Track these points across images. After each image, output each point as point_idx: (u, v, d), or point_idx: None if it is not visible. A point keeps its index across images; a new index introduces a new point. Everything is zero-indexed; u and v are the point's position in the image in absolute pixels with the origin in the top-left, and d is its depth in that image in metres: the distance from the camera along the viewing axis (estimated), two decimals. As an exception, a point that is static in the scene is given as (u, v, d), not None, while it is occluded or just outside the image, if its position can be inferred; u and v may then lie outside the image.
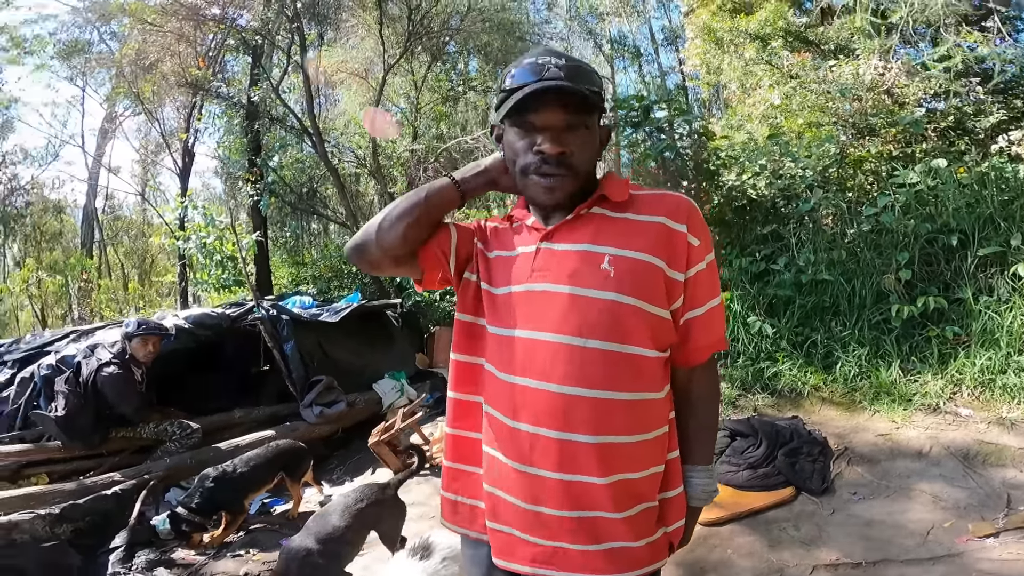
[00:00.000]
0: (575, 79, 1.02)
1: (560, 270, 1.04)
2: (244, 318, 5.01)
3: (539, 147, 1.03)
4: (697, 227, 1.08)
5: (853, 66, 5.56)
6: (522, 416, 1.03)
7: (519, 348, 1.04)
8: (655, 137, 5.18)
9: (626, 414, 1.01)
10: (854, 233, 4.53)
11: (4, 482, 3.41)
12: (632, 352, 1.02)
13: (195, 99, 9.60)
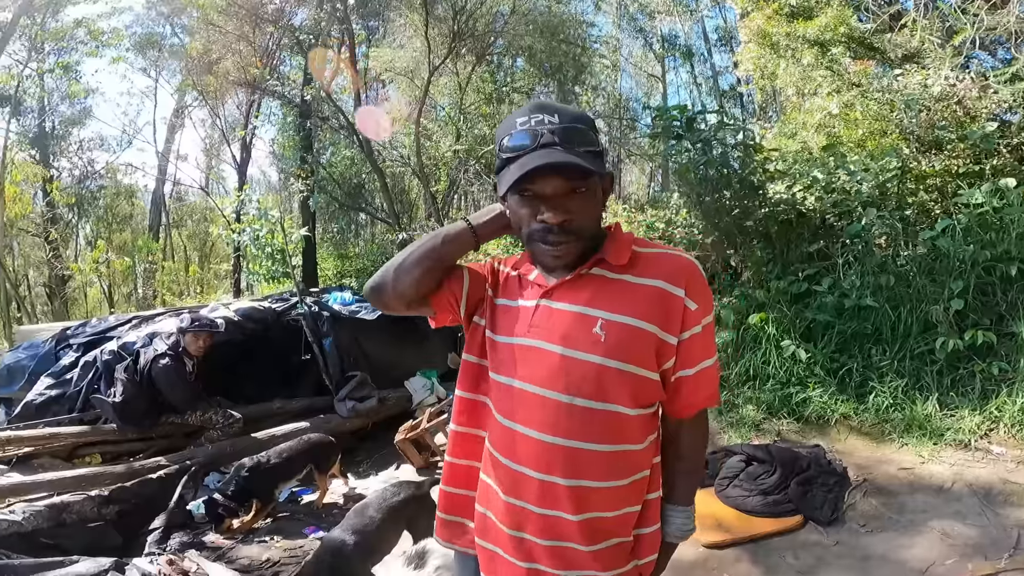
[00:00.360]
0: (570, 142, 1.04)
1: (554, 330, 1.09)
2: (288, 313, 5.25)
3: (542, 217, 1.06)
4: (696, 291, 1.10)
5: (922, 76, 5.20)
6: (515, 457, 1.12)
7: (515, 397, 1.12)
8: (698, 149, 5.04)
9: (602, 463, 1.08)
10: (908, 256, 4.30)
11: (60, 460, 3.72)
12: (614, 410, 1.07)
13: (253, 97, 10.05)
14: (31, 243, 14.95)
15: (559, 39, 8.98)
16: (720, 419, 4.01)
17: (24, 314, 12.10)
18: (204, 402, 4.35)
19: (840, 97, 5.78)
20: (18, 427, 3.93)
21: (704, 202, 5.37)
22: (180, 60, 11.70)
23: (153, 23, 13.04)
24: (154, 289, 15.50)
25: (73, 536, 2.78)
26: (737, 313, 4.93)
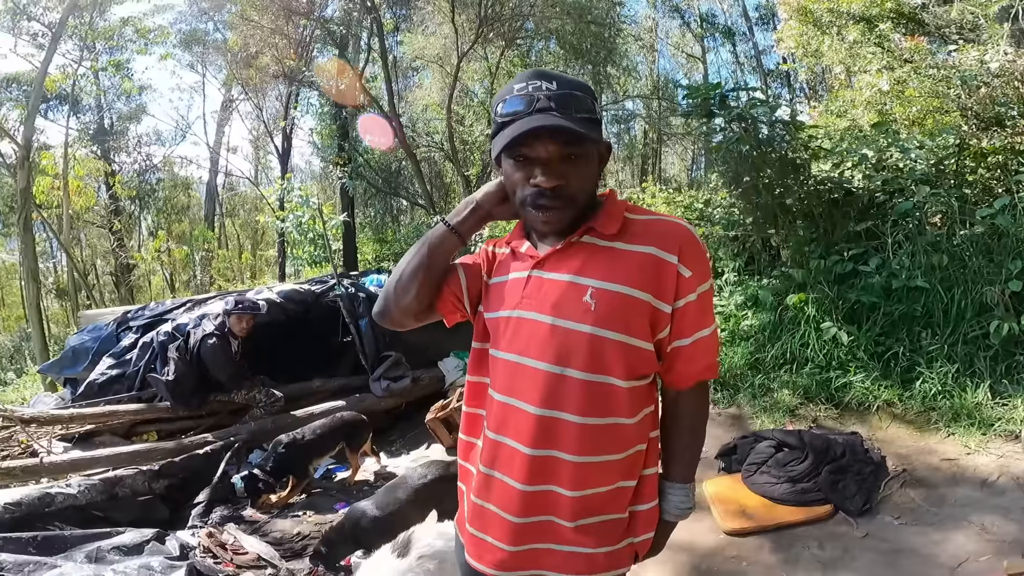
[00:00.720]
0: (566, 107, 1.03)
1: (545, 300, 1.08)
2: (327, 294, 5.42)
3: (535, 181, 1.04)
4: (690, 257, 1.06)
5: (979, 52, 4.86)
6: (504, 431, 1.11)
7: (507, 370, 1.11)
8: (732, 127, 4.84)
9: (595, 437, 1.06)
10: (964, 235, 4.02)
11: (119, 438, 3.99)
12: (606, 382, 1.05)
13: (291, 88, 10.33)
14: (97, 234, 15.99)
15: (587, 20, 8.73)
16: (753, 403, 3.90)
17: (92, 302, 12.98)
18: (248, 380, 4.57)
19: (891, 74, 5.46)
20: (80, 405, 4.24)
21: (742, 181, 5.17)
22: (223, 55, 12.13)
23: (196, 19, 13.56)
24: (210, 276, 16.33)
25: (124, 509, 2.99)
26: (775, 294, 4.76)
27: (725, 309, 5.28)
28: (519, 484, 1.08)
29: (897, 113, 5.44)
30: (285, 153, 11.96)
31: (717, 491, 2.92)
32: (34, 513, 2.61)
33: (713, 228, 6.30)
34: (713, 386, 4.27)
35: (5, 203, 13.02)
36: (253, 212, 19.39)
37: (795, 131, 4.91)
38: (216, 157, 17.11)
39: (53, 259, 16.21)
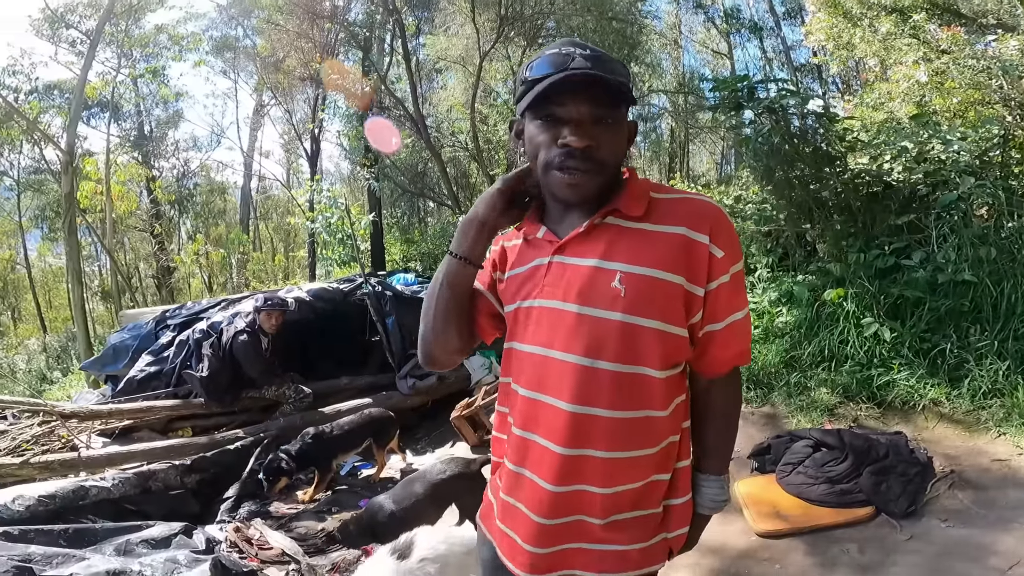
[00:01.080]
0: (603, 68, 0.97)
1: (569, 287, 1.01)
2: (354, 293, 5.48)
3: (564, 140, 0.97)
4: (721, 237, 1.00)
5: (1019, 41, 4.68)
6: (533, 428, 1.05)
7: (533, 364, 1.05)
8: (762, 119, 4.70)
9: (628, 431, 1.00)
10: (1013, 227, 3.83)
11: (156, 433, 4.10)
12: (640, 372, 0.99)
13: (318, 91, 10.53)
14: (139, 238, 16.63)
15: (608, 17, 8.61)
16: (788, 402, 3.76)
17: (135, 303, 13.50)
18: (279, 377, 4.64)
19: (929, 65, 5.26)
20: (119, 401, 4.38)
21: (774, 175, 5.01)
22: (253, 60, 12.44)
23: (226, 26, 13.95)
24: (246, 278, 16.80)
25: (156, 503, 3.07)
26: (811, 289, 4.60)
27: (758, 306, 5.14)
28: (550, 485, 1.02)
29: (937, 105, 5.26)
30: (314, 155, 12.22)
31: (750, 492, 2.82)
32: (68, 506, 2.69)
33: (745, 224, 6.14)
34: (746, 384, 4.14)
35: (52, 208, 13.67)
36: (285, 215, 19.87)
37: (829, 123, 4.75)
38: (250, 161, 17.61)
39: (98, 262, 16.96)
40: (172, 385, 4.70)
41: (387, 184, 10.27)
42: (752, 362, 4.37)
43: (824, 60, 8.93)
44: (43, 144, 12.94)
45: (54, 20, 11.83)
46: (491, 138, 9.05)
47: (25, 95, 13.57)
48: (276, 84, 10.76)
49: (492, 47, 7.69)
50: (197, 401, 4.52)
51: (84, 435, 3.66)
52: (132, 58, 13.35)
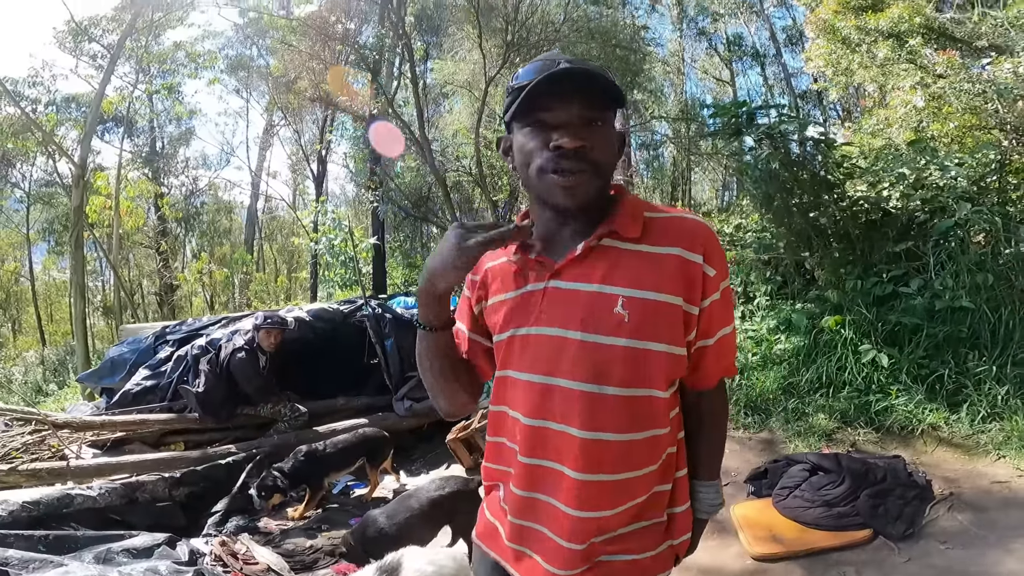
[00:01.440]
0: (591, 71, 0.97)
1: (570, 314, 0.99)
2: (354, 315, 5.50)
3: (556, 142, 0.95)
4: (713, 255, 1.01)
5: (1012, 63, 4.72)
6: (543, 455, 1.03)
7: (536, 392, 1.02)
8: (761, 145, 4.77)
9: (635, 452, 1.01)
10: (1010, 253, 3.84)
11: (148, 447, 4.07)
12: (647, 394, 1.00)
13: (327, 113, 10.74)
14: (144, 254, 16.75)
15: (612, 44, 8.84)
16: (786, 428, 3.73)
17: (136, 319, 13.52)
18: (275, 395, 4.63)
19: (926, 90, 5.33)
20: (113, 413, 4.36)
21: (773, 203, 5.06)
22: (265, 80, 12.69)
23: (241, 45, 14.26)
24: (247, 298, 16.85)
25: (142, 514, 3.02)
26: (809, 317, 4.60)
27: (757, 333, 5.15)
28: (573, 510, 1.01)
29: (934, 130, 5.31)
30: (320, 177, 12.40)
31: (746, 515, 2.77)
32: (52, 513, 2.66)
33: (744, 252, 6.17)
34: (744, 410, 4.13)
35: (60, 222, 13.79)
36: (290, 236, 20.03)
37: (827, 149, 4.81)
38: (257, 181, 17.84)
39: (102, 277, 17.05)
40: (167, 400, 4.69)
41: (391, 207, 10.36)
42: (750, 388, 4.36)
43: (824, 86, 9.07)
44: (57, 157, 13.11)
45: (78, 33, 12.04)
46: (495, 163, 9.19)
47: (44, 107, 13.80)
48: (287, 104, 10.99)
49: (498, 72, 7.89)
50: (191, 416, 4.50)
51: (75, 445, 3.64)
52: (149, 74, 13.59)
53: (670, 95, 14.45)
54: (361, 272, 7.95)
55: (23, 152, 13.66)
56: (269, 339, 4.63)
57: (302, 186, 19.21)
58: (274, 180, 21.32)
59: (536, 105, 0.97)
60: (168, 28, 12.48)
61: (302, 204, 17.95)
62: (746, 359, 4.76)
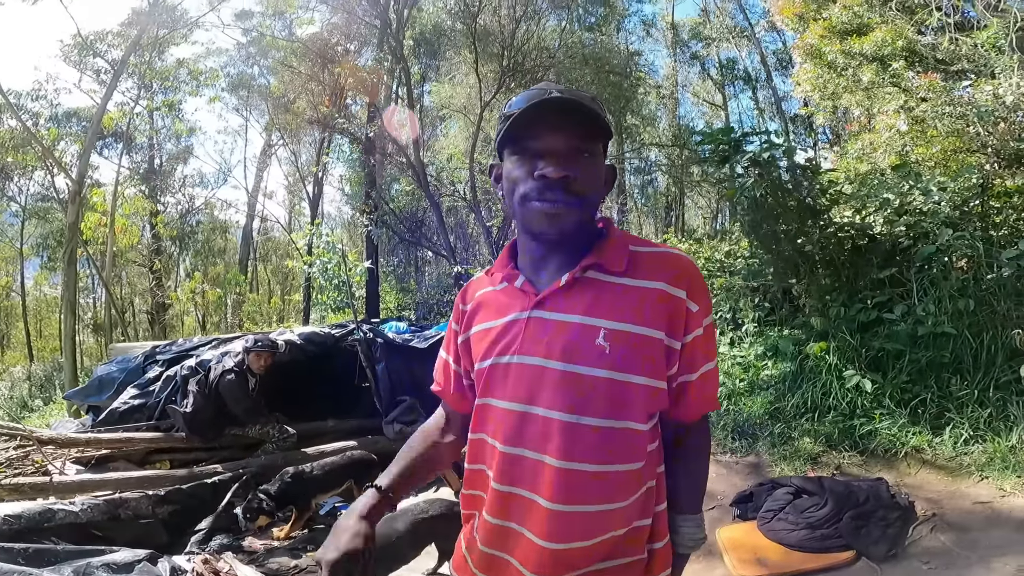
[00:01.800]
0: (579, 99, 0.99)
1: (552, 344, 0.99)
2: (346, 338, 5.50)
3: (540, 171, 0.96)
4: (696, 291, 1.02)
5: (992, 85, 4.81)
6: (517, 482, 1.02)
7: (513, 420, 1.02)
8: (748, 172, 4.88)
9: (613, 484, 1.00)
10: (992, 279, 3.91)
11: (133, 465, 4.03)
12: (625, 427, 0.99)
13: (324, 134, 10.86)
14: (137, 272, 16.64)
15: (606, 70, 9.08)
16: (772, 451, 3.76)
17: (127, 337, 13.39)
18: (264, 416, 4.59)
19: (909, 114, 5.43)
20: (99, 430, 4.32)
21: (761, 229, 5.15)
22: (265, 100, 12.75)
23: (243, 64, 14.36)
24: (240, 319, 16.75)
25: (124, 530, 2.96)
26: (796, 343, 4.66)
27: (745, 359, 5.20)
28: (544, 541, 0.99)
29: (918, 154, 5.37)
30: (316, 199, 12.49)
31: (731, 538, 2.78)
32: (33, 527, 2.62)
33: (733, 279, 6.25)
34: (731, 435, 4.15)
35: (54, 237, 13.69)
36: (284, 257, 20.02)
37: (813, 175, 4.92)
38: (253, 202, 17.86)
39: (93, 295, 16.88)
40: (155, 419, 4.65)
41: (385, 232, 10.44)
42: (738, 413, 4.39)
43: (812, 111, 9.20)
44: (55, 172, 13.05)
45: (83, 47, 12.07)
46: (489, 189, 9.31)
47: (45, 121, 13.75)
48: (285, 125, 11.11)
49: (493, 97, 8.06)
50: (178, 435, 4.45)
51: (59, 461, 3.60)
52: (151, 90, 13.60)
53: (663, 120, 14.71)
54: (354, 296, 7.95)
55: (22, 166, 13.61)
56: (259, 362, 4.62)
57: (298, 207, 19.30)
58: (270, 201, 21.35)
59: (525, 133, 0.98)
60: (172, 45, 12.55)
61: (297, 225, 18.00)
62: (734, 385, 4.80)
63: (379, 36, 8.62)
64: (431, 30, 10.38)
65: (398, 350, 5.45)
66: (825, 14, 6.58)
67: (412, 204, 10.66)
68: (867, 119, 6.69)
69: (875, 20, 6.16)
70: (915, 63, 5.87)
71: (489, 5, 8.32)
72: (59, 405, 8.84)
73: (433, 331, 6.10)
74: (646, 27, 14.65)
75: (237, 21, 11.43)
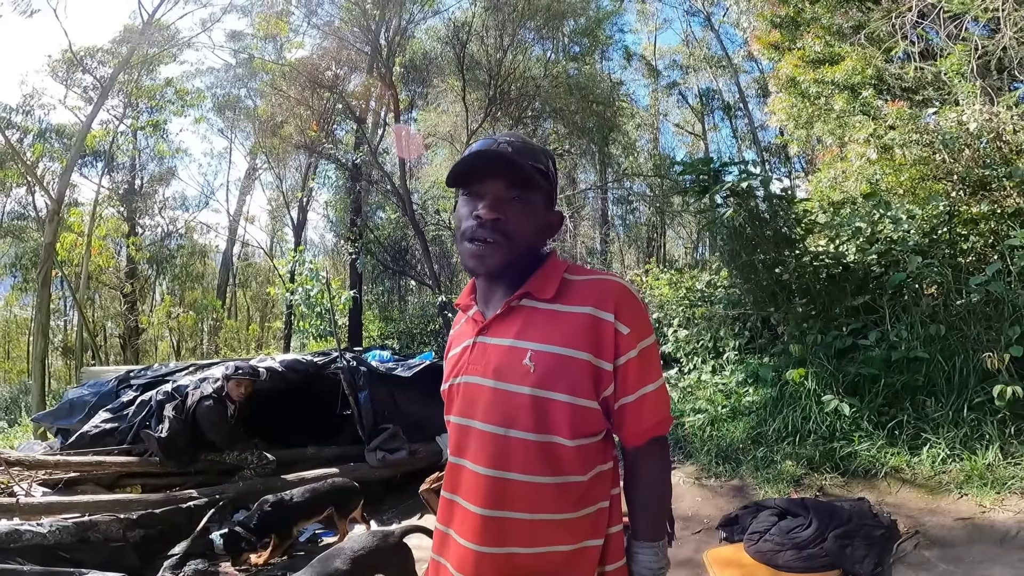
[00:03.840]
0: (520, 154, 1.11)
1: (488, 365, 1.11)
2: (328, 367, 5.44)
3: (476, 212, 1.10)
4: (626, 314, 1.08)
5: (956, 112, 4.98)
6: (460, 492, 1.13)
7: (458, 432, 1.15)
8: (726, 202, 5.03)
9: (545, 495, 1.07)
10: (961, 304, 4.06)
11: (103, 488, 3.88)
12: (550, 441, 1.07)
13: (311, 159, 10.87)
14: (110, 296, 16.16)
15: (590, 100, 9.37)
16: (756, 475, 3.79)
17: (98, 361, 12.97)
18: (241, 443, 4.49)
19: (878, 142, 5.58)
20: (68, 452, 4.16)
21: (739, 259, 5.28)
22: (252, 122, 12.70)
23: (231, 85, 14.30)
24: (216, 345, 16.36)
25: (93, 553, 2.85)
26: (776, 370, 4.75)
27: (727, 386, 5.27)
28: (473, 544, 1.08)
29: (888, 183, 5.47)
30: (300, 225, 12.44)
31: (719, 560, 2.78)
32: (-2, 548, 2.51)
33: (714, 308, 6.36)
34: (715, 459, 4.18)
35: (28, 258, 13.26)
36: (265, 284, 19.75)
37: (788, 205, 5.08)
38: (235, 226, 17.65)
39: (65, 317, 16.31)
40: (127, 443, 4.51)
41: (370, 260, 10.41)
42: (721, 438, 4.42)
43: (787, 140, 9.39)
44: (35, 189, 12.77)
45: (72, 63, 11.96)
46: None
47: (31, 137, 13.45)
48: (271, 149, 11.12)
49: (480, 125, 8.23)
50: (152, 460, 4.32)
51: (25, 483, 3.45)
52: (137, 109, 13.44)
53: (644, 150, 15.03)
54: (337, 324, 7.87)
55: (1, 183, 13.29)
56: (239, 389, 4.53)
57: (280, 232, 19.13)
58: (252, 225, 21.09)
59: (471, 177, 1.12)
60: (161, 64, 12.53)
61: (280, 252, 17.82)
62: (716, 411, 4.85)
63: (369, 62, 8.80)
64: (420, 57, 10.65)
65: (382, 378, 5.42)
66: (799, 44, 6.86)
67: (396, 232, 10.68)
68: (839, 148, 6.90)
69: (845, 50, 6.43)
70: (883, 91, 6.11)
71: (477, 35, 8.58)
72: (24, 427, 8.51)
73: (417, 360, 6.08)
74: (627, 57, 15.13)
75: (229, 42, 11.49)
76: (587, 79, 9.91)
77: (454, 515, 1.13)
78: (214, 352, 15.59)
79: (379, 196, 9.77)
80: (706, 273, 7.99)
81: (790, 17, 7.30)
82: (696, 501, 3.69)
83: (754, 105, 15.02)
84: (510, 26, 8.52)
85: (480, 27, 8.90)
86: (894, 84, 6.10)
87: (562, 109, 9.19)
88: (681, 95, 16.38)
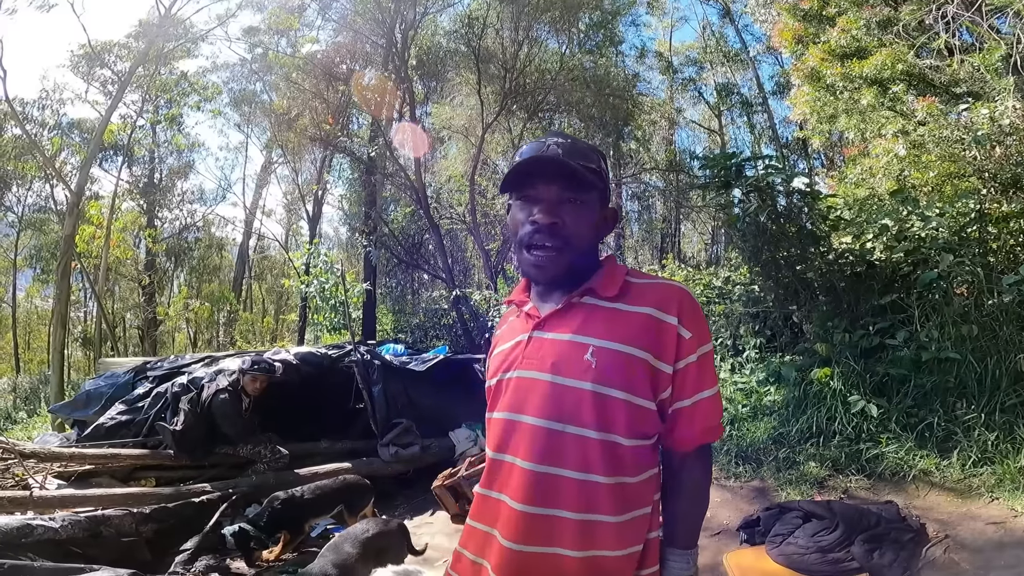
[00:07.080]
0: (572, 156, 1.10)
1: (545, 359, 1.09)
2: (342, 360, 5.43)
3: (532, 217, 1.09)
4: (690, 318, 1.08)
5: (989, 108, 4.81)
6: (495, 486, 1.11)
7: (501, 428, 1.12)
8: (750, 198, 4.90)
9: (601, 495, 1.04)
10: (993, 304, 3.92)
11: (117, 481, 3.89)
12: (608, 439, 1.04)
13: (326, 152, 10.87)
14: (129, 287, 16.44)
15: (606, 93, 9.25)
16: (777, 476, 3.69)
17: (116, 352, 13.16)
18: (255, 436, 4.48)
19: (907, 138, 5.44)
20: (84, 445, 4.18)
21: (761, 256, 5.16)
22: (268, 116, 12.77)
23: (247, 79, 14.41)
24: (232, 336, 16.55)
25: (105, 549, 2.85)
26: (799, 369, 4.63)
27: (747, 385, 5.16)
28: (512, 543, 1.05)
29: (915, 179, 5.35)
30: (315, 218, 12.49)
31: (739, 563, 2.70)
32: (10, 542, 2.50)
33: (733, 305, 6.25)
34: (735, 460, 4.08)
35: (48, 250, 13.53)
36: (280, 276, 19.92)
37: (813, 201, 4.94)
38: (251, 219, 17.81)
39: (84, 308, 16.62)
40: (142, 436, 4.52)
41: (384, 253, 10.41)
42: (741, 438, 4.33)
43: (807, 134, 9.20)
44: (54, 182, 12.96)
45: (92, 57, 12.14)
46: (488, 211, 9.33)
47: (49, 130, 13.70)
48: (286, 142, 11.14)
49: (495, 119, 8.16)
50: (165, 452, 4.33)
51: (40, 476, 3.46)
52: (155, 103, 13.62)
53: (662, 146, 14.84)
54: (351, 317, 7.86)
55: (21, 175, 13.53)
56: (255, 384, 4.51)
57: (296, 226, 19.27)
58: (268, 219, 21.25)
59: (524, 182, 1.12)
60: (177, 59, 12.64)
61: (295, 245, 17.94)
62: (736, 410, 4.75)
63: (384, 55, 8.77)
64: (434, 50, 10.61)
65: (396, 372, 5.39)
66: (824, 37, 6.68)
67: (411, 225, 10.66)
68: (864, 144, 6.73)
69: (872, 44, 6.24)
70: (914, 86, 5.94)
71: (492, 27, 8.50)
72: (43, 418, 8.65)
73: (431, 354, 6.05)
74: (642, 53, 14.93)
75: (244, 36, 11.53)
76: (603, 72, 9.78)
77: (488, 511, 1.11)
78: (229, 344, 15.75)
79: (393, 189, 9.73)
80: (724, 270, 7.87)
81: (815, 11, 7.10)
82: (715, 502, 3.60)
83: (773, 101, 14.72)
84: (525, 19, 8.45)
85: (495, 20, 8.85)
86: (931, 78, 5.89)
87: (578, 102, 9.10)
88: (698, 92, 16.14)
